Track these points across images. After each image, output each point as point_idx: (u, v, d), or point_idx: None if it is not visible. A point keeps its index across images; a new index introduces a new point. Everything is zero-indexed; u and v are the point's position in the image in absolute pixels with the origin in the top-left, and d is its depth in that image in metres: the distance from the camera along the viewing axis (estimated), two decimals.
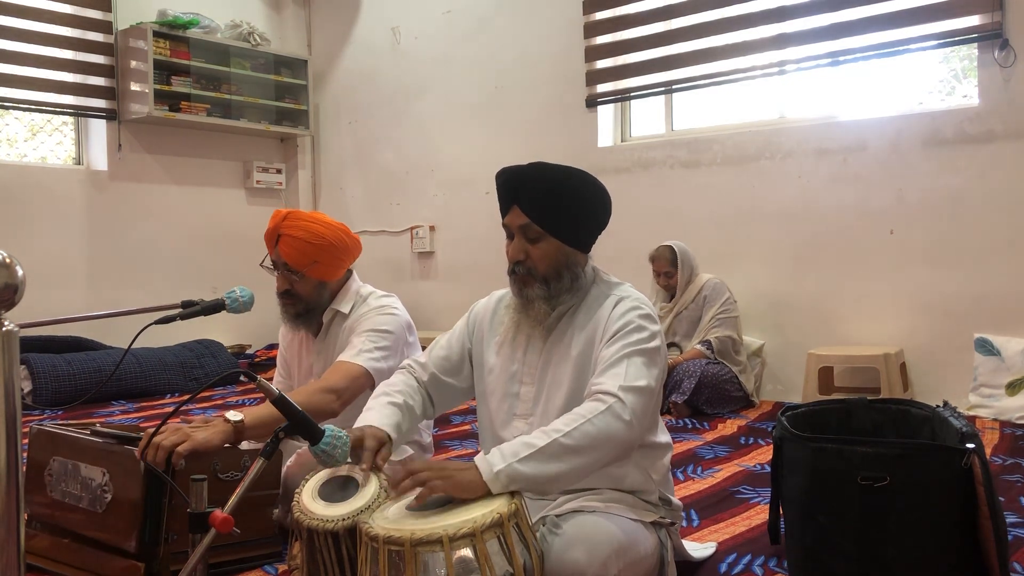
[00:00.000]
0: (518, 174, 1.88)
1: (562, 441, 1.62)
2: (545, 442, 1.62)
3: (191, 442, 1.97)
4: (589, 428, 1.64)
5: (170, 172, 6.15)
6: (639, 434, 1.74)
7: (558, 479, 1.63)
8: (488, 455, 1.62)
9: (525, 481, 1.59)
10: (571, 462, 1.62)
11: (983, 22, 4.17)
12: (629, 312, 1.83)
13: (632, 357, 1.76)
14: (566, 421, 1.66)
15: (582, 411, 1.68)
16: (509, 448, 1.62)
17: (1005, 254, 4.17)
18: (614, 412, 1.67)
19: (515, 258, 1.89)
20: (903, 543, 1.85)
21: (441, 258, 6.28)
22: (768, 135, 4.87)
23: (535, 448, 1.61)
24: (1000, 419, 3.91)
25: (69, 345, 5.20)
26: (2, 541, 1.15)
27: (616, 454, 1.70)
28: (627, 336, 1.79)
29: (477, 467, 1.60)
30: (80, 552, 2.10)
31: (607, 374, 1.74)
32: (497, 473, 1.58)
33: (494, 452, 1.62)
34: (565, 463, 1.62)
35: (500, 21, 5.87)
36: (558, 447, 1.61)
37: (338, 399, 2.25)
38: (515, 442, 1.64)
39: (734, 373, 4.44)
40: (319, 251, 2.44)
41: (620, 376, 1.72)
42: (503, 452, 1.62)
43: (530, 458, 1.60)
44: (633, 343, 1.78)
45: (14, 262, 1.15)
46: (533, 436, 1.65)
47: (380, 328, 2.42)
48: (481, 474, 1.58)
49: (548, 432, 1.64)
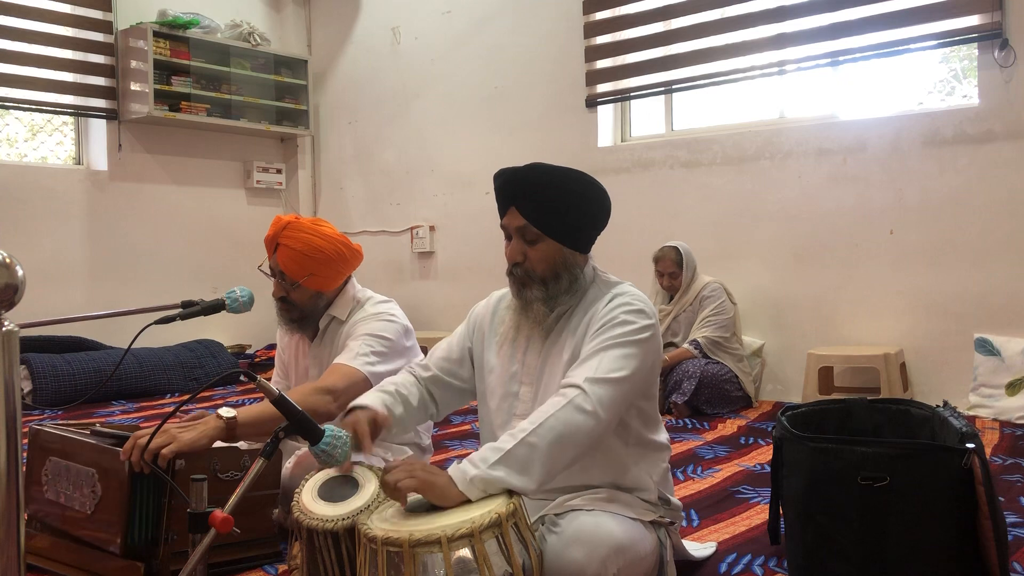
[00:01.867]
0: (515, 176, 1.87)
1: (528, 440, 1.62)
2: (512, 444, 1.62)
3: (176, 444, 1.95)
4: (552, 423, 1.65)
5: (170, 172, 6.15)
6: (608, 423, 1.73)
7: (533, 478, 1.63)
8: (461, 463, 1.63)
9: (500, 485, 1.59)
10: (540, 460, 1.62)
11: (983, 22, 4.17)
12: (616, 308, 1.83)
13: (609, 350, 1.76)
14: (531, 420, 1.67)
15: (545, 407, 1.69)
16: (479, 455, 1.63)
17: (1005, 254, 4.17)
18: (575, 404, 1.67)
19: (513, 259, 1.89)
20: (903, 543, 1.85)
21: (441, 258, 6.28)
22: (768, 135, 4.87)
23: (503, 451, 1.61)
24: (1000, 419, 3.92)
25: (69, 345, 5.20)
26: (2, 541, 1.15)
27: (586, 444, 1.70)
28: (608, 330, 1.80)
29: (451, 477, 1.60)
30: (80, 552, 2.10)
31: (579, 368, 1.76)
32: (472, 480, 1.59)
33: (467, 460, 1.64)
34: (535, 462, 1.62)
35: (500, 21, 5.87)
36: (525, 447, 1.62)
37: (335, 400, 2.24)
38: (485, 448, 1.65)
39: (734, 373, 4.44)
40: (316, 264, 2.42)
41: (590, 368, 1.73)
42: (474, 459, 1.62)
43: (500, 462, 1.60)
44: (613, 336, 1.78)
45: (14, 262, 1.16)
46: (501, 440, 1.65)
47: (377, 333, 2.41)
48: (456, 483, 1.59)
49: (514, 434, 1.65)
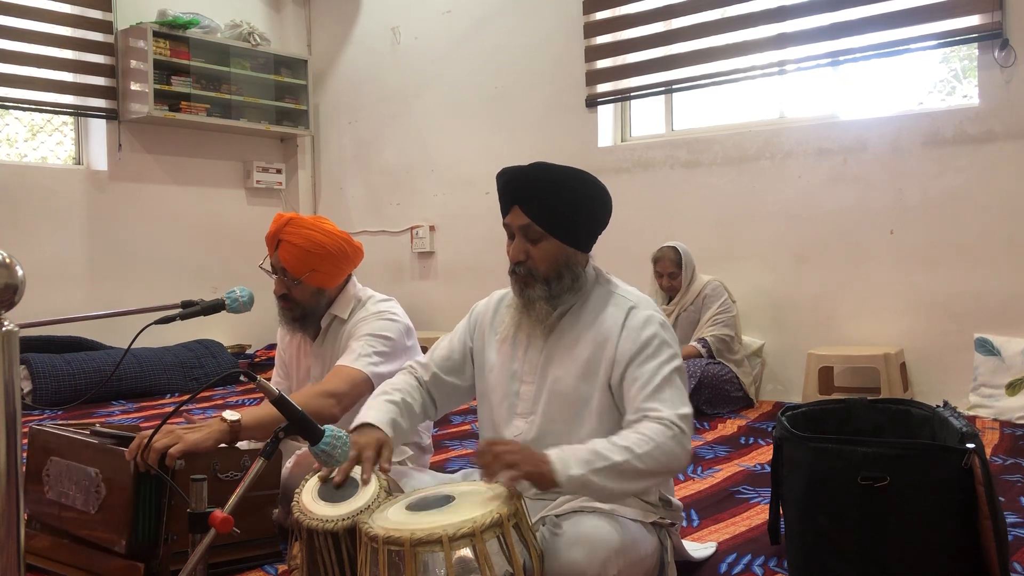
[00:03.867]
0: (519, 175, 1.88)
1: (634, 462, 1.65)
2: (620, 459, 1.65)
3: (183, 444, 1.97)
4: (658, 454, 1.68)
5: (170, 172, 6.15)
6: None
7: (621, 494, 1.69)
8: (563, 455, 1.64)
9: (593, 491, 1.64)
10: (636, 481, 1.68)
11: (983, 22, 4.17)
12: (650, 325, 1.85)
13: (673, 379, 1.80)
14: (636, 441, 1.68)
15: (650, 434, 1.70)
16: (583, 455, 1.65)
17: (1005, 254, 4.17)
18: (679, 441, 1.71)
19: (516, 258, 1.89)
20: (903, 543, 1.85)
21: (441, 258, 6.27)
22: (768, 135, 4.86)
23: (610, 462, 1.64)
24: (1000, 419, 3.91)
25: (69, 345, 5.20)
26: (2, 541, 1.15)
27: (667, 479, 1.78)
28: (659, 354, 1.81)
29: (551, 463, 1.62)
30: (80, 552, 2.10)
31: (658, 399, 1.76)
32: (571, 476, 1.61)
33: (567, 454, 1.65)
34: (630, 481, 1.67)
35: (500, 21, 5.87)
36: (630, 467, 1.65)
37: (338, 404, 2.24)
38: (586, 449, 1.66)
39: (734, 373, 4.44)
40: (318, 260, 2.42)
41: (671, 402, 1.76)
42: (577, 457, 1.64)
43: (603, 471, 1.63)
44: (666, 361, 1.81)
45: (14, 262, 1.15)
46: (604, 448, 1.66)
47: (379, 333, 2.41)
48: (555, 473, 1.61)
49: (619, 448, 1.66)
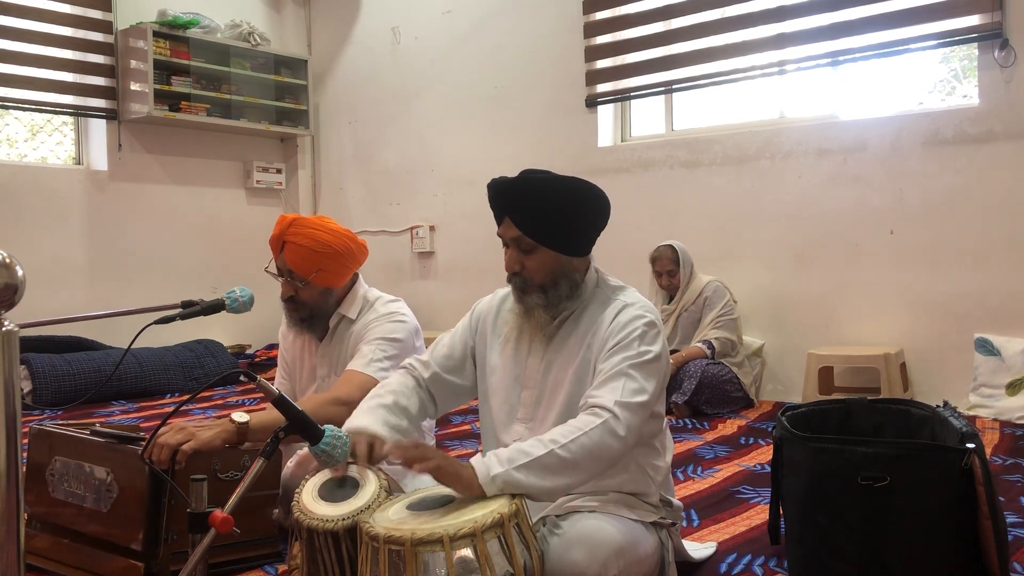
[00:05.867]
0: (507, 186, 1.86)
1: (558, 452, 1.63)
2: (542, 452, 1.63)
3: (196, 441, 1.98)
4: (585, 441, 1.65)
5: (170, 172, 6.15)
6: (632, 447, 1.76)
7: (551, 490, 1.65)
8: (485, 458, 1.64)
9: (519, 488, 1.61)
10: (564, 474, 1.64)
11: (983, 22, 4.17)
12: (632, 321, 1.82)
13: (631, 371, 1.76)
14: (563, 433, 1.67)
15: (579, 424, 1.69)
16: (506, 454, 1.64)
17: (1005, 254, 4.17)
18: (608, 428, 1.68)
19: (511, 269, 1.89)
20: (903, 543, 1.85)
21: (441, 258, 6.28)
22: (768, 135, 4.86)
23: (532, 457, 1.62)
24: (1000, 419, 3.91)
25: (69, 345, 5.19)
26: (2, 541, 1.15)
27: (605, 468, 1.73)
28: (628, 348, 1.79)
29: (474, 468, 1.61)
30: (80, 552, 2.11)
31: (605, 387, 1.75)
32: (494, 477, 1.59)
33: (491, 456, 1.64)
34: (558, 474, 1.64)
35: (500, 21, 5.87)
36: (554, 458, 1.63)
37: (350, 411, 2.23)
38: (512, 448, 1.66)
39: (735, 373, 4.44)
40: (324, 259, 2.41)
41: (617, 391, 1.73)
42: (500, 457, 1.63)
43: (526, 466, 1.61)
44: (633, 356, 1.78)
45: (14, 262, 1.15)
46: (529, 444, 1.66)
47: (390, 336, 2.41)
48: (477, 476, 1.60)
49: (544, 442, 1.65)
